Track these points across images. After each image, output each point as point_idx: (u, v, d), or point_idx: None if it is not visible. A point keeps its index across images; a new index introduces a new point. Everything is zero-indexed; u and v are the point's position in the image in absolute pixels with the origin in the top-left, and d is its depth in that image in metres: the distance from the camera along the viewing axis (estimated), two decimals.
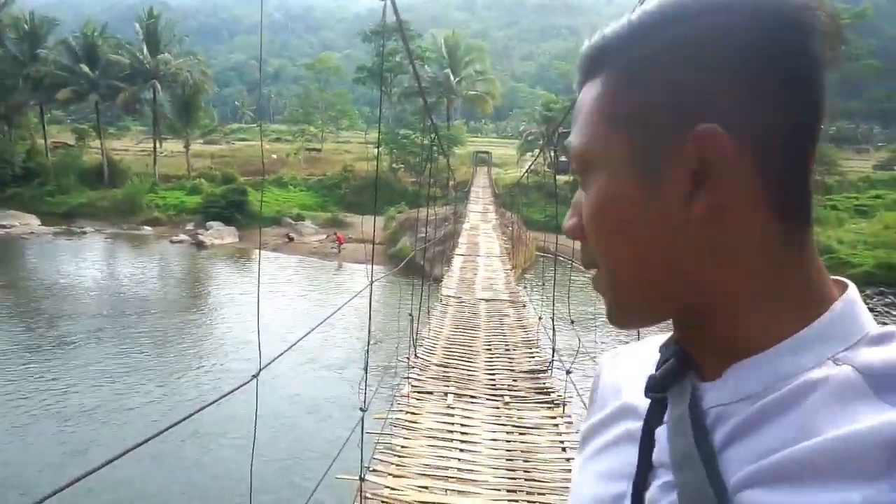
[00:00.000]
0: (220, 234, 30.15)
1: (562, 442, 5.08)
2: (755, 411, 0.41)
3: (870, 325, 0.42)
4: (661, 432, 0.47)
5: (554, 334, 6.91)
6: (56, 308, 17.45)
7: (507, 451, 4.89)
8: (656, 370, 0.50)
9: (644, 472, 0.48)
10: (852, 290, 0.44)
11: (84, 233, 30.79)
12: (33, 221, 31.69)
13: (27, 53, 38.60)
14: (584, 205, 0.47)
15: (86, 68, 38.51)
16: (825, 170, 34.99)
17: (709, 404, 0.44)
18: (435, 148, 11.63)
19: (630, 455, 0.49)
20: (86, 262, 24.39)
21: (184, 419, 1.61)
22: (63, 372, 12.42)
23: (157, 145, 41.00)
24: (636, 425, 0.50)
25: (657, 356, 0.51)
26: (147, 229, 32.24)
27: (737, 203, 0.41)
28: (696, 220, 0.42)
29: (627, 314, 0.48)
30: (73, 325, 15.81)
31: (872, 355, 0.38)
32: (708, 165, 0.40)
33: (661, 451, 0.47)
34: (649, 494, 0.47)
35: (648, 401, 0.49)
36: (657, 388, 0.49)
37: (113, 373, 12.49)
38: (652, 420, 0.49)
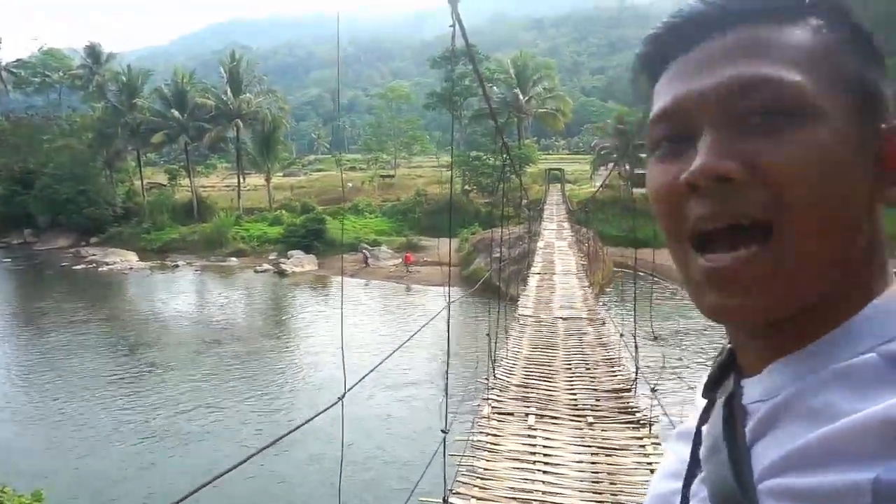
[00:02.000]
0: (300, 262, 31.25)
1: (649, 463, 4.88)
2: (781, 404, 0.41)
3: None
4: (706, 429, 0.49)
5: (637, 351, 6.69)
6: (154, 337, 18.58)
7: (593, 472, 4.74)
8: (710, 372, 0.52)
9: (692, 468, 0.49)
10: None
11: (177, 266, 32.74)
12: (132, 257, 34.03)
13: (125, 104, 41.94)
14: (786, 150, 0.41)
15: (176, 113, 41.33)
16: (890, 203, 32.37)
17: (747, 399, 0.45)
18: (507, 168, 11.65)
19: (685, 453, 0.51)
20: (178, 294, 25.89)
21: (274, 441, 1.67)
22: (164, 397, 13.15)
23: (241, 180, 43.21)
24: (695, 425, 0.52)
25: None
26: (233, 260, 33.87)
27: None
28: (878, 203, 0.43)
29: (796, 291, 0.42)
30: (168, 352, 16.76)
31: None
32: None
33: (704, 447, 0.48)
34: (693, 487, 0.49)
35: (706, 401, 0.51)
36: (710, 387, 0.51)
37: (207, 398, 13.11)
38: (702, 419, 0.50)
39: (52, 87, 50.14)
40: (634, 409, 6.06)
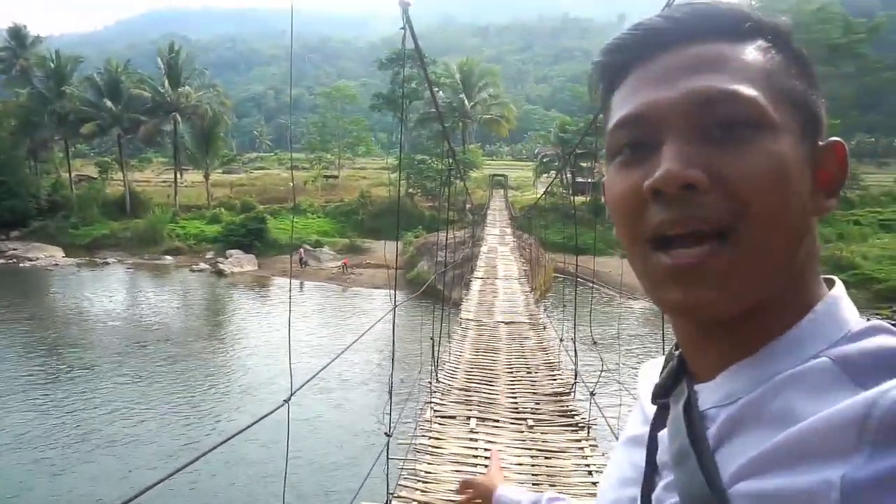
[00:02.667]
0: (239, 262, 30.47)
1: (587, 465, 4.99)
2: (742, 409, 0.43)
3: (853, 322, 0.44)
4: (663, 435, 0.50)
5: (576, 356, 6.84)
6: (77, 337, 17.68)
7: (533, 475, 4.82)
8: (659, 378, 0.53)
9: (651, 475, 0.50)
10: (837, 288, 0.46)
11: (107, 263, 31.30)
12: (58, 253, 32.33)
13: (53, 91, 39.83)
14: (746, 160, 0.43)
15: (109, 103, 39.58)
16: (847, 185, 34.48)
17: (704, 405, 0.46)
18: (452, 172, 11.73)
19: (640, 459, 0.52)
20: (107, 292, 24.74)
21: (217, 446, 1.62)
22: (85, 401, 12.53)
23: (178, 176, 41.80)
24: (645, 430, 0.53)
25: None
26: (168, 259, 32.69)
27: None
28: (819, 213, 0.47)
29: (752, 287, 0.44)
30: (95, 354, 15.99)
31: (850, 348, 0.41)
32: (841, 174, 0.47)
33: (663, 453, 0.49)
34: (655, 494, 0.49)
35: (655, 407, 0.52)
36: (660, 393, 0.52)
37: (134, 402, 12.57)
38: (656, 424, 0.51)
39: None
40: (573, 413, 6.19)
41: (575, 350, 6.95)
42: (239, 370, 15.00)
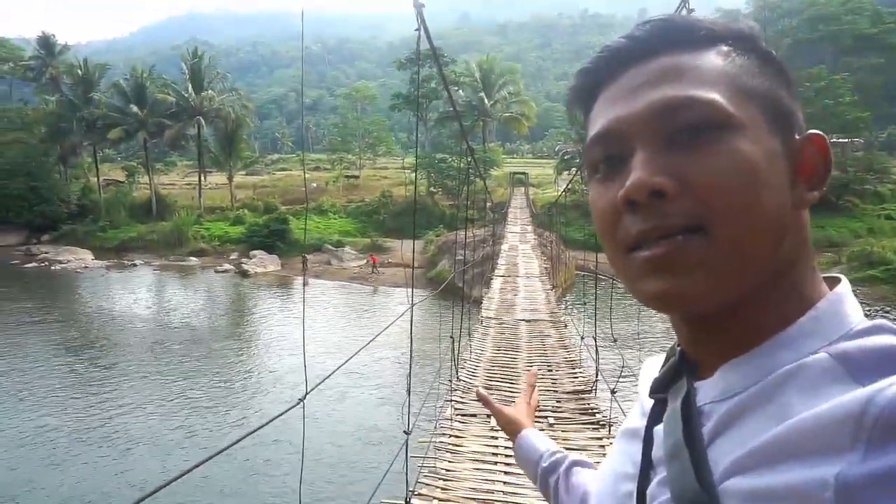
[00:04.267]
0: (262, 263, 30.81)
1: None
2: (738, 404, 0.43)
3: (855, 320, 0.43)
4: (659, 430, 0.50)
5: (597, 354, 6.80)
6: (106, 338, 18.06)
7: None
8: (659, 373, 0.53)
9: (646, 470, 0.50)
10: (841, 286, 0.46)
11: (134, 265, 31.89)
12: (87, 256, 33.01)
13: (81, 98, 40.68)
14: (710, 162, 0.44)
15: (135, 108, 40.31)
16: (877, 178, 33.67)
17: (701, 401, 0.46)
18: (472, 170, 11.72)
19: (637, 453, 0.52)
20: (135, 294, 25.22)
21: (233, 444, 1.65)
22: (115, 400, 12.80)
23: (202, 178, 42.39)
24: (643, 424, 0.53)
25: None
26: (193, 260, 33.18)
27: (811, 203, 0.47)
28: (800, 210, 0.47)
29: (728, 280, 0.44)
30: (123, 355, 16.31)
31: (850, 345, 0.40)
32: (823, 167, 0.47)
33: (658, 448, 0.49)
34: (650, 490, 0.49)
35: (653, 402, 0.52)
36: (658, 388, 0.52)
37: (163, 401, 12.81)
38: (652, 419, 0.51)
39: (1, 78, 48.29)
40: (594, 411, 6.16)
41: (596, 348, 6.91)
42: (261, 369, 15.19)
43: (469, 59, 49.55)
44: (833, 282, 0.48)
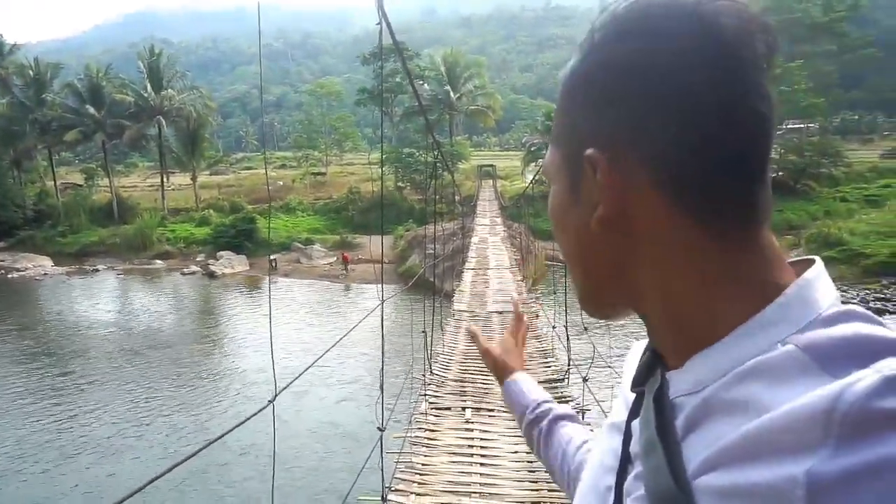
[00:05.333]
0: (230, 263, 30.35)
1: None
2: (707, 398, 0.42)
3: (825, 304, 0.42)
4: (636, 424, 0.49)
5: (569, 343, 6.88)
6: (69, 346, 17.59)
7: (528, 462, 4.85)
8: (637, 366, 0.53)
9: (624, 464, 0.50)
10: (811, 271, 0.45)
11: (96, 270, 31.09)
12: (46, 263, 32.06)
13: (34, 99, 39.30)
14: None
15: (91, 109, 39.16)
16: (831, 161, 34.69)
17: (674, 394, 0.46)
18: (439, 164, 11.70)
19: (618, 447, 0.52)
20: (98, 300, 24.61)
21: (203, 447, 1.63)
22: (80, 409, 12.48)
23: (165, 179, 41.48)
24: (625, 417, 0.53)
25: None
26: (158, 263, 32.51)
27: (638, 215, 0.46)
28: (597, 230, 0.47)
29: (584, 305, 0.54)
30: (89, 363, 15.92)
31: (819, 334, 0.39)
32: (599, 185, 0.46)
33: (636, 443, 0.49)
34: (626, 484, 0.49)
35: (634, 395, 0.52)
36: (637, 382, 0.52)
37: (130, 408, 12.54)
38: (632, 413, 0.51)
39: None
40: (568, 399, 6.23)
41: (567, 337, 6.99)
42: (231, 371, 14.99)
43: (434, 52, 49.40)
44: (807, 265, 0.46)
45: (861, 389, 0.33)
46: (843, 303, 0.43)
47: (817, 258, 0.47)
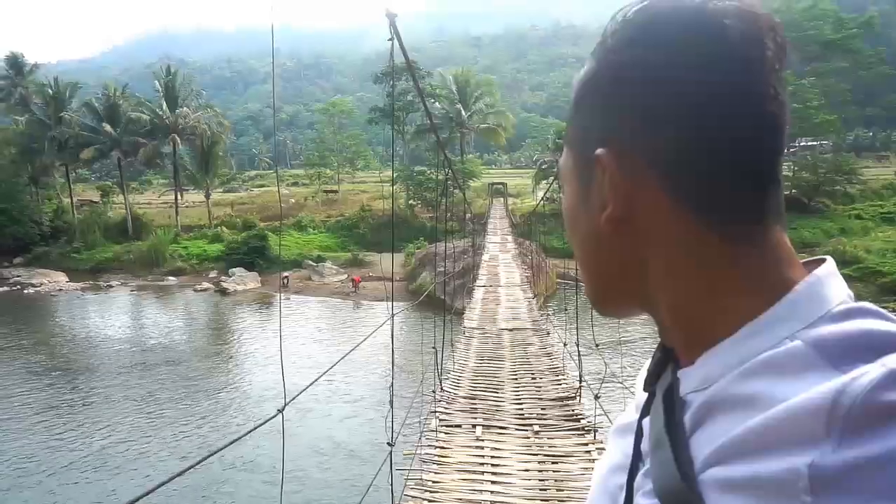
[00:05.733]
0: (242, 280, 30.47)
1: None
2: (715, 394, 0.43)
3: (836, 301, 0.42)
4: (647, 422, 0.50)
5: (580, 360, 6.82)
6: (82, 362, 17.69)
7: (540, 480, 4.80)
8: (649, 367, 0.54)
9: (636, 462, 0.51)
10: (822, 268, 0.45)
11: (110, 286, 31.35)
12: (61, 278, 32.36)
13: (52, 117, 40.01)
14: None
15: (108, 127, 39.79)
16: (846, 179, 34.41)
17: (684, 391, 0.46)
18: (450, 182, 11.76)
19: (628, 447, 0.53)
20: (112, 316, 24.78)
21: (211, 455, 1.62)
22: (94, 423, 12.52)
23: (179, 197, 41.92)
24: (636, 417, 0.53)
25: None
26: (171, 279, 32.73)
27: (646, 215, 0.47)
28: (606, 230, 0.48)
29: (595, 304, 0.54)
30: (101, 379, 15.99)
31: (826, 330, 0.39)
32: (608, 185, 0.47)
33: (646, 440, 0.49)
34: (636, 481, 0.49)
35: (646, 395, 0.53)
36: (649, 381, 0.52)
37: (143, 423, 12.56)
38: (644, 412, 0.52)
39: None
40: (579, 417, 6.17)
41: (579, 354, 6.93)
42: (241, 387, 14.99)
43: (445, 71, 49.82)
44: (818, 264, 0.47)
45: (866, 383, 0.33)
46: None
47: (828, 257, 0.47)
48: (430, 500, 4.43)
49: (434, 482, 4.70)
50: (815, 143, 37.79)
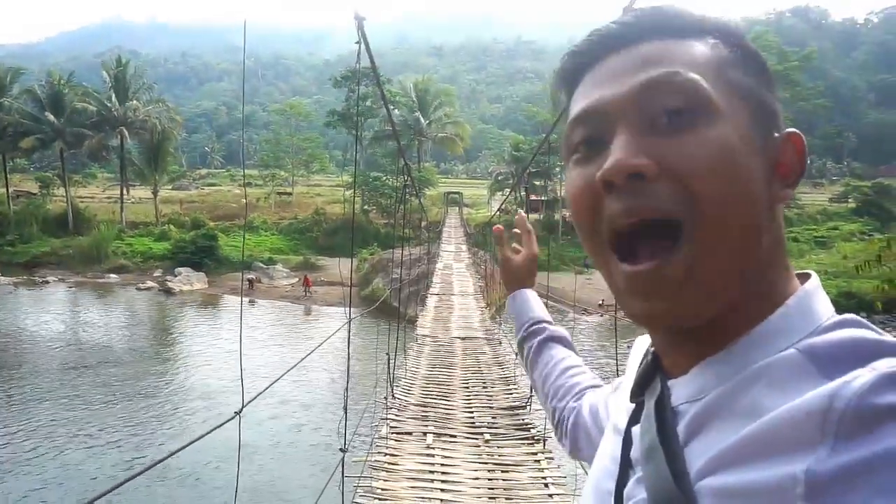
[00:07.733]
0: (189, 280, 29.61)
1: (544, 478, 5.02)
2: (710, 404, 0.43)
3: (825, 315, 0.44)
4: (636, 430, 0.50)
5: None
6: (12, 360, 16.81)
7: (489, 489, 4.82)
8: (636, 375, 0.53)
9: (625, 469, 0.50)
10: (811, 282, 0.47)
11: (46, 282, 29.96)
12: None
13: None
14: (691, 147, 0.44)
15: (51, 116, 38.16)
16: (786, 204, 36.11)
17: (676, 401, 0.46)
18: (407, 189, 11.76)
19: (618, 451, 0.52)
20: (46, 312, 23.64)
21: (167, 457, 1.57)
22: (25, 425, 11.91)
23: (125, 192, 40.47)
24: (625, 421, 0.53)
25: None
26: (113, 277, 31.51)
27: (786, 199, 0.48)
28: (777, 206, 0.48)
29: (717, 292, 0.44)
30: (31, 377, 15.23)
31: (818, 339, 0.40)
32: (800, 167, 0.48)
33: (636, 449, 0.49)
34: (627, 489, 0.49)
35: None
36: (636, 391, 0.52)
37: (73, 426, 12.02)
38: (632, 420, 0.52)
39: None
40: (529, 426, 6.23)
41: None
42: (188, 390, 14.53)
43: (405, 78, 49.89)
44: (804, 278, 0.48)
45: (857, 387, 0.33)
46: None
47: (813, 272, 0.48)
48: None
49: (383, 489, 4.66)
50: None
